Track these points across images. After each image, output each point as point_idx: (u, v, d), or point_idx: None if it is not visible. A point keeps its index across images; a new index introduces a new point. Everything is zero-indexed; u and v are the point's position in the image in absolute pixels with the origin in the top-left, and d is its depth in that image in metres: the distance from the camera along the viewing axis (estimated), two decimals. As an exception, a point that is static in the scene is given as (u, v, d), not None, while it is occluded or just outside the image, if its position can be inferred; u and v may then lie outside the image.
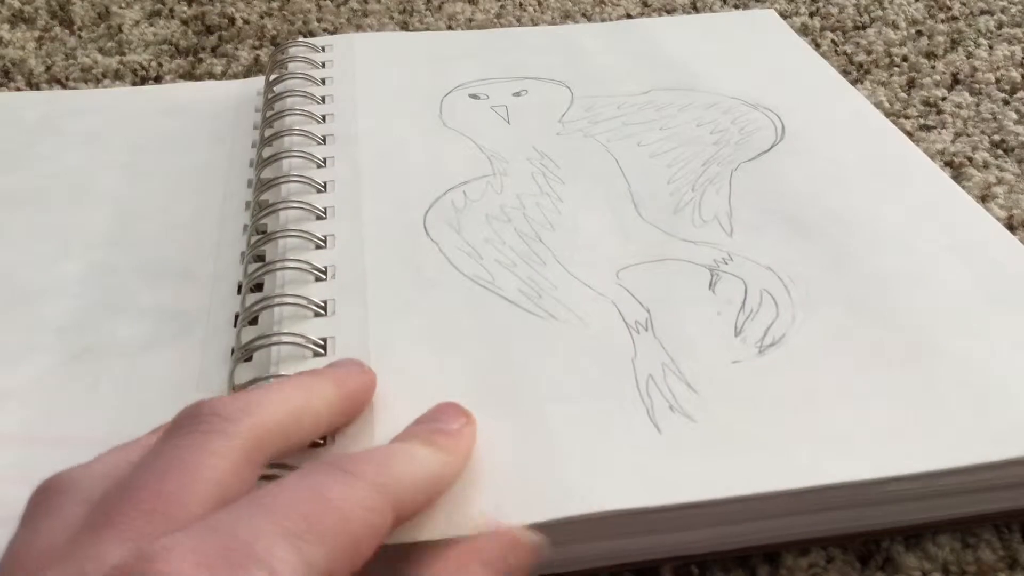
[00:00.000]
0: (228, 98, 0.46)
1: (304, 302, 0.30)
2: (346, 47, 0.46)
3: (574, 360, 0.29)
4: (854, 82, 0.48)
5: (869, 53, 0.51)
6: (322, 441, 0.26)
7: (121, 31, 0.55)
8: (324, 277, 0.32)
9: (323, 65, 0.45)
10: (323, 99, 0.42)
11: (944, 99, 0.46)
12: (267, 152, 0.39)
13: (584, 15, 0.57)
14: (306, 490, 0.20)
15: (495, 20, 0.56)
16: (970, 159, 0.42)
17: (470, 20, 0.56)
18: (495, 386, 0.28)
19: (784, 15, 0.54)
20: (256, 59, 0.52)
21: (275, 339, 0.29)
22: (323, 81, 0.43)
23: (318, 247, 0.33)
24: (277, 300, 0.30)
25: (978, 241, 0.33)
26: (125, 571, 0.18)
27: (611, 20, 0.55)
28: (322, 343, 0.29)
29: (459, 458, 0.24)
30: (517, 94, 0.43)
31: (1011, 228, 0.37)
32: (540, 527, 0.23)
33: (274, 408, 0.23)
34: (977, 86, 0.47)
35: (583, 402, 0.27)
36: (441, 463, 0.23)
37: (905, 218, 0.34)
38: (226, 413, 0.22)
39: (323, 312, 0.30)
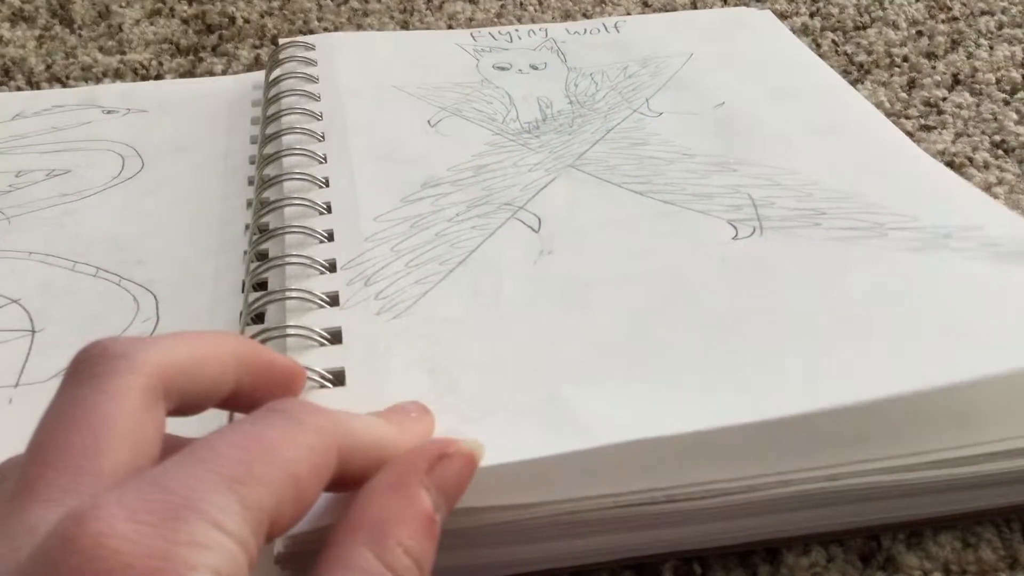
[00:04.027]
0: (223, 93, 0.46)
1: (310, 296, 0.30)
2: (332, 46, 0.47)
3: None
4: (855, 82, 0.48)
5: (870, 53, 0.51)
6: None
7: (121, 30, 0.55)
8: (330, 270, 0.32)
9: (316, 63, 0.45)
10: (319, 96, 0.42)
11: (945, 99, 0.46)
12: (268, 150, 0.39)
13: (584, 15, 0.57)
14: (243, 435, 0.19)
15: (495, 19, 0.56)
16: (971, 159, 0.42)
17: (470, 19, 0.56)
18: (510, 373, 0.28)
19: (784, 15, 0.55)
20: (256, 58, 0.52)
21: (284, 331, 0.29)
22: (316, 78, 0.44)
23: (322, 242, 0.33)
24: (281, 295, 0.31)
25: (978, 216, 0.33)
26: (61, 538, 0.17)
27: (605, 17, 0.55)
28: (331, 334, 0.29)
29: (409, 436, 0.23)
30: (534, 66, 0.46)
31: (1011, 228, 0.37)
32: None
33: (171, 344, 0.21)
34: (978, 86, 0.47)
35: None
36: (389, 431, 0.23)
37: (905, 203, 0.34)
38: (119, 351, 0.21)
39: (331, 304, 0.30)
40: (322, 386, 0.27)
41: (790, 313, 0.29)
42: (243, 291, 0.33)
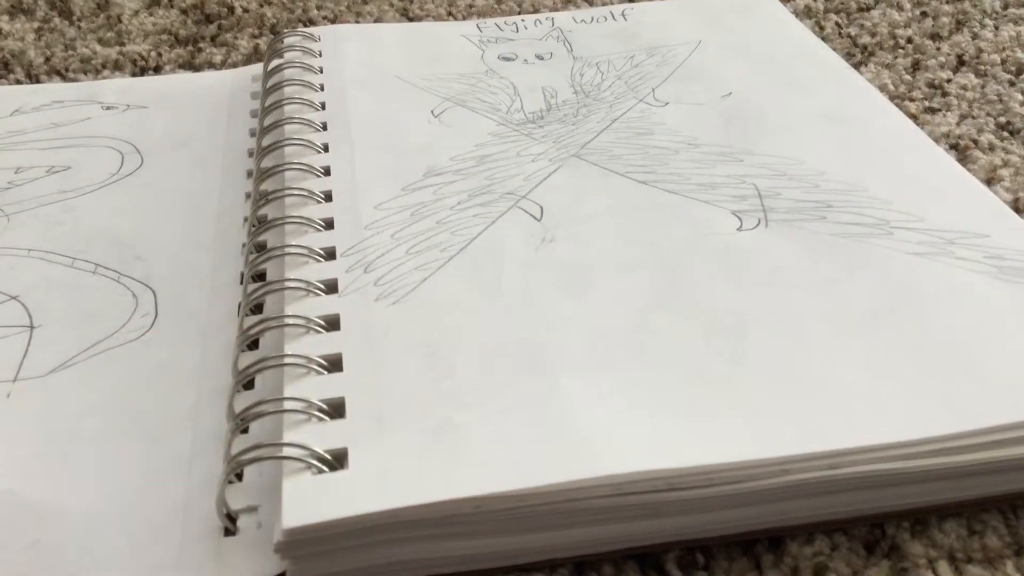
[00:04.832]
0: (223, 87, 0.46)
1: (308, 284, 0.30)
2: (337, 37, 0.47)
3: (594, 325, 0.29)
4: (858, 65, 0.47)
5: (873, 35, 0.50)
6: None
7: (120, 21, 0.55)
8: (329, 258, 0.32)
9: (319, 54, 0.45)
10: (321, 87, 0.42)
11: (949, 81, 0.46)
12: (266, 140, 0.39)
13: None
14: None
15: (496, 5, 0.55)
16: (975, 141, 0.41)
17: (471, 6, 0.55)
18: (509, 359, 0.28)
19: (787, -2, 0.54)
20: (256, 48, 0.51)
21: (282, 321, 0.29)
22: (320, 70, 0.43)
23: (320, 230, 0.33)
24: (279, 285, 0.30)
25: (984, 222, 0.33)
26: None
27: (611, 4, 0.55)
28: (330, 321, 0.29)
29: None
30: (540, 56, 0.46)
31: (1017, 211, 0.36)
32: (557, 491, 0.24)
33: None
34: (983, 68, 0.47)
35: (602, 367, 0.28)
36: None
37: (911, 199, 0.34)
38: None
39: (330, 291, 0.30)
40: (319, 373, 0.27)
41: (791, 318, 0.29)
42: (242, 283, 0.33)
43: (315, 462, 0.24)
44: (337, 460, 0.25)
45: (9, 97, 0.46)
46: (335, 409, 0.26)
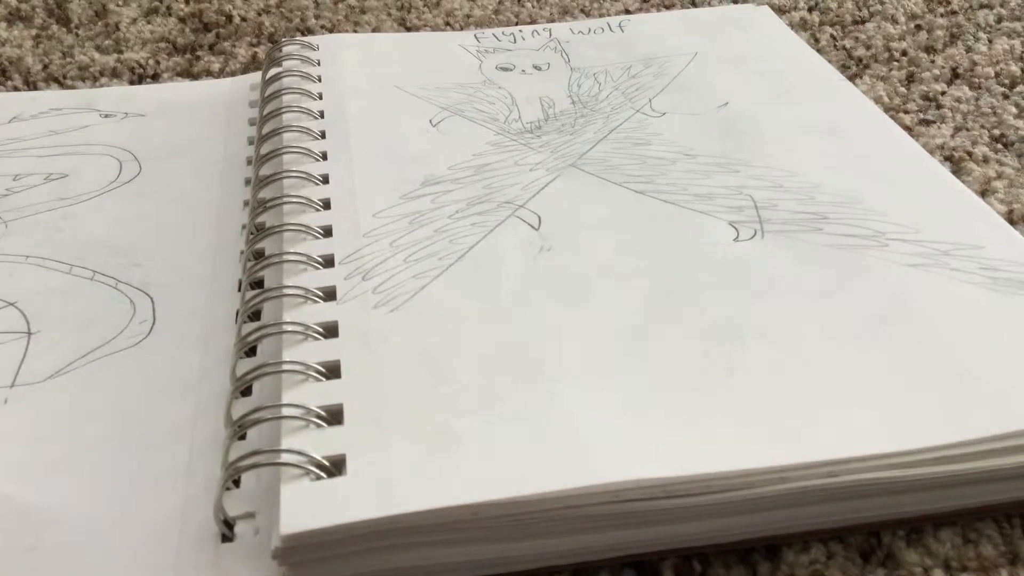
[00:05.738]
0: (221, 95, 0.46)
1: (306, 291, 0.30)
2: (335, 46, 0.47)
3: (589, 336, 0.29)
4: (853, 77, 0.48)
5: (868, 48, 0.51)
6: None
7: (118, 29, 0.55)
8: (327, 265, 0.32)
9: (318, 63, 0.45)
10: (319, 96, 0.42)
11: (944, 93, 0.46)
12: (265, 148, 0.39)
13: (583, 11, 0.56)
14: None
15: (493, 16, 0.56)
16: (970, 154, 0.41)
17: (468, 16, 0.56)
18: (507, 367, 0.28)
19: (783, 10, 0.54)
20: (254, 56, 0.52)
21: (280, 327, 0.29)
22: (319, 79, 0.44)
23: (318, 238, 0.33)
24: (277, 292, 0.30)
25: (979, 234, 0.33)
26: None
27: (608, 16, 0.55)
28: (328, 328, 0.29)
29: None
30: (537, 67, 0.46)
31: (1011, 222, 0.36)
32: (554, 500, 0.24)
33: None
34: (977, 80, 0.47)
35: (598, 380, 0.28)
36: None
37: (906, 211, 0.34)
38: None
39: (328, 299, 0.30)
40: (317, 379, 0.27)
41: (788, 327, 0.29)
42: (240, 290, 0.33)
43: (313, 468, 0.25)
44: (335, 467, 0.25)
45: (7, 104, 0.46)
46: (333, 416, 0.26)
